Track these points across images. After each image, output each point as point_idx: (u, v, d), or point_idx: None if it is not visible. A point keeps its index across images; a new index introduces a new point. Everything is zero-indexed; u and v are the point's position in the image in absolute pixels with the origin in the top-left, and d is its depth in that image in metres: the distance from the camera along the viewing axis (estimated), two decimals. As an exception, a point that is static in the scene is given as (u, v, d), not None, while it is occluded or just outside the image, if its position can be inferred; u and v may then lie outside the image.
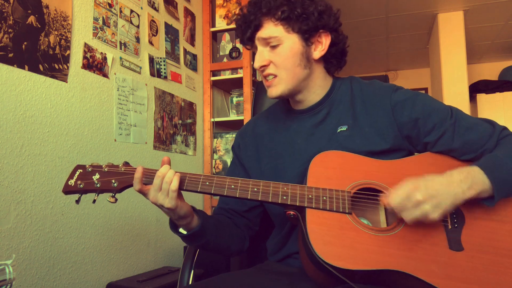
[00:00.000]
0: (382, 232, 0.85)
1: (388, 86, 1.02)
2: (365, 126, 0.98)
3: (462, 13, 3.86)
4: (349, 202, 0.86)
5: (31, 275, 1.45)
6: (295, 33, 0.96)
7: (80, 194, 0.89)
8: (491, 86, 4.63)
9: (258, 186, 0.88)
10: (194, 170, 2.61)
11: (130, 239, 1.97)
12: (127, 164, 0.93)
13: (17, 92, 1.43)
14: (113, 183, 0.89)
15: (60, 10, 1.63)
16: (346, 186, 0.89)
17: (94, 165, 0.91)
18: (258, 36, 0.97)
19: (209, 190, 0.89)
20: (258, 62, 0.98)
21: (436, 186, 0.82)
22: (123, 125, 1.96)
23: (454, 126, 0.94)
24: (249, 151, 1.11)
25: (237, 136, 1.18)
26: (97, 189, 0.89)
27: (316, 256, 0.79)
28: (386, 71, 5.65)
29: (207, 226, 0.95)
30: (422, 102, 0.97)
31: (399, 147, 0.98)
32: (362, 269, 0.79)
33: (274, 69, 0.98)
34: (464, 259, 0.83)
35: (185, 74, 2.57)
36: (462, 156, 0.95)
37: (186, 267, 1.15)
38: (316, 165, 0.92)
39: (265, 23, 0.96)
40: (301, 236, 0.88)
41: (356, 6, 3.66)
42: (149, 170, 0.91)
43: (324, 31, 0.98)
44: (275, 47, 0.96)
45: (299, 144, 1.03)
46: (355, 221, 0.85)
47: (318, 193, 0.87)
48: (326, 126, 1.02)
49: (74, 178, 0.89)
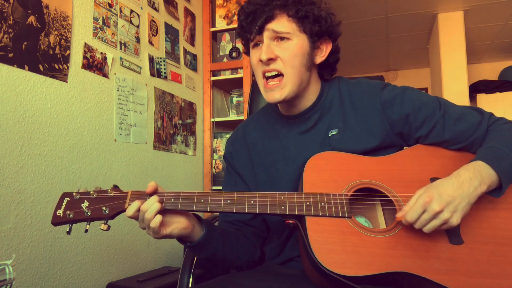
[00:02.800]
0: (383, 233, 0.85)
1: (375, 84, 1.02)
2: (356, 127, 0.98)
3: (462, 13, 3.86)
4: (347, 206, 0.86)
5: (31, 275, 1.45)
6: (305, 34, 0.96)
7: (71, 224, 0.86)
8: (491, 86, 4.63)
9: (255, 198, 0.86)
10: (194, 170, 2.61)
11: (130, 239, 1.97)
12: (116, 188, 0.88)
13: (17, 92, 1.43)
14: (104, 210, 0.85)
15: (60, 10, 1.63)
16: (343, 188, 0.89)
17: (82, 192, 0.87)
18: (269, 27, 0.94)
19: (205, 208, 0.86)
20: (266, 54, 0.93)
21: (449, 191, 0.81)
22: (123, 125, 1.96)
23: (444, 118, 0.95)
24: (242, 159, 1.09)
25: (228, 145, 1.14)
26: (87, 218, 0.85)
27: (321, 266, 0.79)
28: (386, 71, 5.65)
29: (212, 237, 0.93)
30: (411, 98, 0.97)
31: (391, 143, 0.99)
32: (367, 274, 0.79)
33: (280, 65, 0.94)
34: (465, 252, 0.83)
35: (185, 74, 2.57)
36: (453, 145, 0.96)
37: (186, 267, 1.15)
38: (310, 169, 0.91)
39: (278, 16, 0.94)
40: (302, 244, 0.87)
41: (356, 6, 3.66)
42: (139, 194, 0.87)
43: (327, 39, 1.00)
44: (284, 42, 0.94)
45: (291, 149, 1.02)
46: (355, 224, 0.85)
47: (316, 199, 0.86)
48: (318, 130, 1.01)
49: (62, 207, 0.85)
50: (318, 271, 0.81)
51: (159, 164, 2.22)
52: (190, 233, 0.90)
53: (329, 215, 0.85)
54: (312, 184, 0.89)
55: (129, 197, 0.86)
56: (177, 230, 0.87)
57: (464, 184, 0.82)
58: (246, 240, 1.05)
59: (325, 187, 0.89)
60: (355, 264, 0.79)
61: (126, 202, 0.86)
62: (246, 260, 1.04)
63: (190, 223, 0.89)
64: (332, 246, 0.81)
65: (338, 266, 0.79)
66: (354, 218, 0.86)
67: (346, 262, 0.80)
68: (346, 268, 0.79)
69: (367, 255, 0.81)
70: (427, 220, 0.80)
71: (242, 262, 1.03)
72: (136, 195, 0.86)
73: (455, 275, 0.81)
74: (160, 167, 2.23)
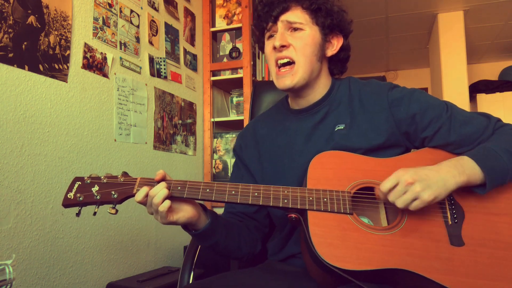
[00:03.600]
0: (384, 230, 0.85)
1: (385, 84, 1.04)
2: (362, 124, 1.00)
3: (462, 13, 3.86)
4: (349, 203, 0.87)
5: (31, 275, 1.45)
6: (317, 26, 1.01)
7: (80, 206, 0.88)
8: (491, 86, 4.63)
9: (259, 190, 0.88)
10: (194, 170, 2.61)
11: (130, 239, 1.97)
12: (126, 175, 0.91)
13: (17, 92, 1.43)
14: (113, 194, 0.87)
15: (60, 10, 1.63)
16: (346, 186, 0.90)
17: (93, 177, 0.90)
18: (283, 19, 1.00)
19: (210, 197, 0.88)
20: (280, 40, 0.98)
21: (425, 171, 0.84)
22: (123, 125, 1.96)
23: (450, 120, 0.96)
24: (251, 151, 1.12)
25: (238, 138, 1.18)
26: (97, 201, 0.88)
27: (320, 258, 0.80)
28: (386, 71, 5.65)
29: (217, 226, 0.96)
30: (419, 98, 0.99)
31: (396, 143, 1.00)
32: (367, 269, 0.79)
33: (293, 53, 0.99)
34: (466, 254, 0.84)
35: (185, 74, 2.57)
36: (458, 149, 0.96)
37: (186, 267, 1.15)
38: (315, 166, 0.93)
39: (293, 8, 1.00)
40: (303, 238, 0.88)
41: (356, 6, 3.67)
42: (147, 181, 0.90)
43: (339, 34, 1.05)
44: (298, 31, 1.00)
45: (299, 145, 1.04)
46: (357, 221, 0.86)
47: (319, 194, 0.88)
48: (325, 125, 1.03)
49: (73, 191, 0.88)
50: (318, 265, 0.82)
51: (159, 164, 2.22)
52: (196, 221, 0.92)
53: (331, 211, 0.86)
54: (316, 180, 0.91)
55: (137, 183, 0.88)
56: (183, 218, 0.89)
57: (442, 170, 0.85)
58: (248, 233, 1.07)
59: (329, 184, 0.90)
60: (355, 259, 0.80)
61: (134, 188, 0.88)
62: (246, 252, 1.06)
63: (196, 211, 0.91)
64: (333, 241, 0.82)
65: (338, 260, 0.80)
66: (355, 215, 0.86)
67: (346, 257, 0.80)
68: (346, 262, 0.79)
69: (367, 251, 0.81)
70: (400, 192, 0.81)
71: (243, 254, 1.05)
72: (144, 181, 0.89)
73: (454, 276, 0.81)
74: (160, 167, 2.23)
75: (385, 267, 0.80)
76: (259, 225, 1.11)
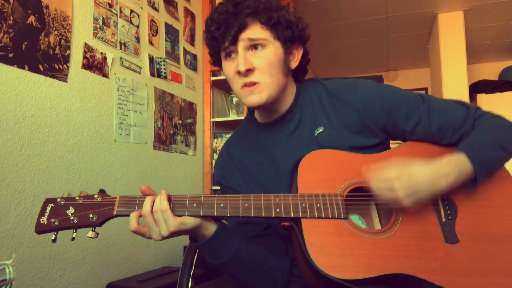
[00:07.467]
0: (379, 233, 0.84)
1: (349, 82, 1.01)
2: (338, 124, 0.97)
3: (462, 13, 3.85)
4: (343, 207, 0.85)
5: (31, 275, 1.45)
6: (278, 41, 0.95)
7: (56, 232, 0.81)
8: (491, 86, 4.62)
9: (249, 200, 0.84)
10: (194, 170, 2.61)
11: (130, 239, 1.97)
12: (103, 193, 0.84)
13: (17, 92, 1.43)
14: (91, 217, 0.81)
15: (60, 10, 1.63)
16: (338, 188, 0.88)
17: (66, 198, 0.83)
18: (243, 37, 0.91)
19: (197, 212, 0.83)
20: (245, 65, 0.91)
21: (420, 178, 0.82)
22: (123, 125, 1.96)
23: (429, 111, 0.95)
24: (236, 178, 1.07)
25: (217, 169, 1.11)
26: (74, 225, 0.80)
27: (318, 269, 0.79)
28: (386, 71, 5.65)
29: (229, 230, 0.91)
30: (390, 92, 0.97)
31: (378, 139, 0.98)
32: (365, 277, 0.79)
33: (259, 76, 0.92)
34: (461, 251, 0.84)
35: (185, 74, 2.57)
36: (442, 140, 0.95)
37: (186, 267, 1.15)
38: (304, 168, 0.90)
39: (251, 24, 0.92)
40: (298, 247, 0.86)
41: (356, 6, 3.66)
42: (128, 199, 0.84)
43: (298, 44, 1.00)
44: (259, 51, 0.93)
45: (279, 156, 1.00)
46: (351, 225, 0.84)
47: (311, 200, 0.85)
48: (302, 131, 1.00)
49: (45, 215, 0.80)
50: (316, 274, 0.81)
51: (159, 164, 2.22)
52: (202, 229, 0.87)
53: (325, 217, 0.84)
54: (307, 184, 0.88)
55: (117, 203, 0.83)
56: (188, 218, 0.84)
57: (438, 179, 0.84)
58: (270, 239, 1.01)
59: (321, 187, 0.87)
60: (353, 267, 0.79)
61: (114, 209, 0.83)
62: (279, 264, 0.98)
63: (195, 219, 0.86)
64: (329, 249, 0.81)
65: (337, 270, 0.78)
66: (350, 218, 0.85)
67: (344, 265, 0.79)
68: (344, 272, 0.78)
69: (364, 258, 0.80)
70: (382, 189, 0.82)
71: (275, 265, 0.97)
72: (124, 201, 0.83)
73: (451, 275, 0.81)
74: (160, 167, 2.23)
75: (384, 273, 0.79)
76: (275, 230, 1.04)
